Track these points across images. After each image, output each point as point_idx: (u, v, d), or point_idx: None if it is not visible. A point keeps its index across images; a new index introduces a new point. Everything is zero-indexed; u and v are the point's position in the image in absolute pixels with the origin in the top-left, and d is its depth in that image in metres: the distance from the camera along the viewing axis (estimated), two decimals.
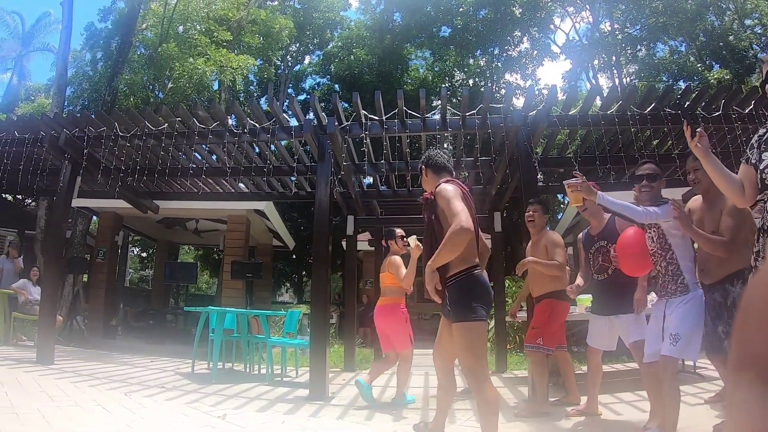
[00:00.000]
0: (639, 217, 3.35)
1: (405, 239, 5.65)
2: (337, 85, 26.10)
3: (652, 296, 4.03)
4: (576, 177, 3.45)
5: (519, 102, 18.14)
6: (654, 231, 3.49)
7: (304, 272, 27.84)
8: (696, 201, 3.72)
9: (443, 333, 3.12)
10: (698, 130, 2.63)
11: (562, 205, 21.06)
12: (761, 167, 2.35)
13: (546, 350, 4.68)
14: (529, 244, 5.14)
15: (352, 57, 25.70)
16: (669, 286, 3.38)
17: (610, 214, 4.26)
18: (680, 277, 3.33)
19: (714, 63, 21.43)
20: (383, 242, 5.69)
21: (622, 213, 3.38)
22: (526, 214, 5.15)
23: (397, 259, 5.25)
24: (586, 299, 5.71)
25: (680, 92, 6.38)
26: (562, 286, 4.66)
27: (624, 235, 3.77)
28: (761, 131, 2.46)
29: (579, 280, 4.54)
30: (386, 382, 6.81)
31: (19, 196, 16.61)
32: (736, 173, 2.53)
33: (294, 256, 24.51)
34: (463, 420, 4.42)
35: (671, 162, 6.42)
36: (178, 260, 18.33)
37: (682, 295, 3.31)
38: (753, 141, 2.48)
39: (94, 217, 13.07)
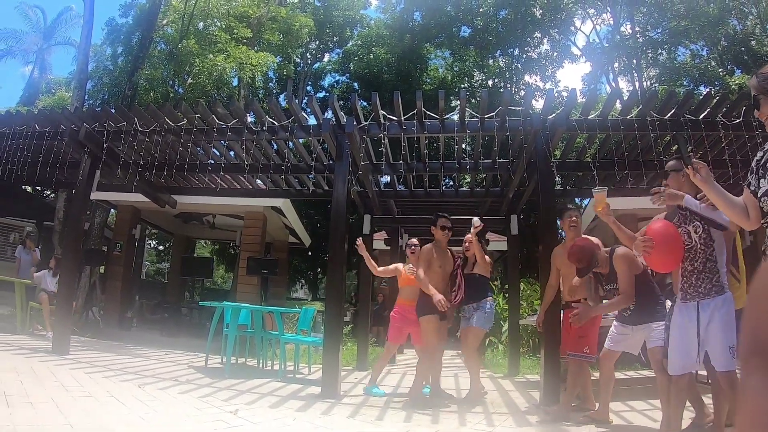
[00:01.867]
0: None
1: (414, 247, 5.77)
2: (356, 84, 26.13)
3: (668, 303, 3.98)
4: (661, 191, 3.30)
5: (538, 104, 18.02)
6: (698, 224, 3.29)
7: (319, 269, 27.91)
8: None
9: None
10: (693, 162, 2.67)
11: (580, 208, 20.89)
12: (759, 194, 2.36)
13: (591, 358, 4.65)
14: (562, 246, 5.09)
15: (371, 55, 25.72)
16: (703, 286, 3.20)
17: (611, 250, 4.26)
18: (716, 275, 3.18)
19: (735, 68, 21.04)
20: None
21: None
22: (570, 219, 5.10)
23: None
24: None
25: (701, 97, 6.29)
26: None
27: (659, 227, 3.51)
28: (759, 154, 2.45)
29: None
30: (398, 382, 6.82)
31: (38, 188, 16.83)
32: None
33: (309, 253, 24.57)
34: (473, 423, 4.41)
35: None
36: (195, 254, 18.48)
37: (717, 295, 3.14)
38: (752, 165, 2.47)
39: (112, 210, 13.21)
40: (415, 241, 5.94)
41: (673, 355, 3.33)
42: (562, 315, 5.29)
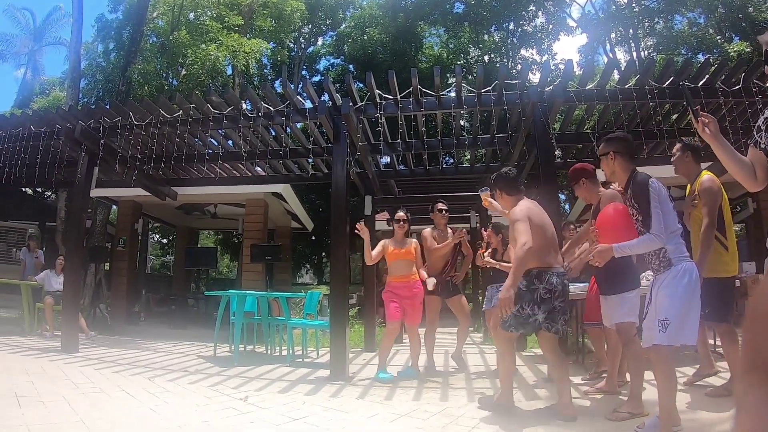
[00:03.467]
0: (657, 243, 3.09)
1: (402, 223, 5.78)
2: (351, 66, 25.91)
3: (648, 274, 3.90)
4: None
5: (535, 77, 17.85)
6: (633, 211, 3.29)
7: (323, 253, 27.93)
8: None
9: None
10: (702, 115, 2.51)
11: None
12: None
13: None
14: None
15: (365, 37, 25.50)
16: (653, 261, 3.20)
17: (601, 192, 4.18)
18: (662, 250, 3.12)
19: (734, 35, 20.77)
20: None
21: (643, 251, 3.21)
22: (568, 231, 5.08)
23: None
24: None
25: (699, 65, 6.22)
26: None
27: (605, 212, 3.59)
28: (767, 113, 2.34)
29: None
30: (406, 361, 6.84)
31: (39, 189, 16.84)
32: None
33: (313, 238, 24.58)
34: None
35: (692, 137, 6.30)
36: (198, 245, 18.51)
37: (666, 270, 3.10)
38: (759, 122, 2.35)
39: (114, 206, 13.22)
40: (401, 214, 5.88)
41: (644, 325, 3.29)
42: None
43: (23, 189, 14.50)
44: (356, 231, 5.21)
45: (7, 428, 3.16)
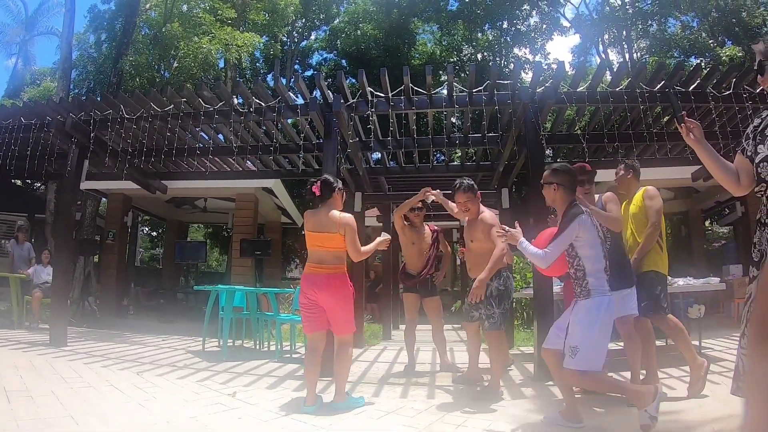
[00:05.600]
0: (542, 261, 3.43)
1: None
2: (344, 61, 25.85)
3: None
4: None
5: (528, 77, 17.85)
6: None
7: None
8: None
9: None
10: (687, 121, 2.61)
11: None
12: (756, 161, 2.32)
13: None
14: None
15: (358, 32, 25.43)
16: (576, 288, 3.44)
17: (597, 199, 4.31)
18: (584, 281, 3.36)
19: (726, 39, 20.84)
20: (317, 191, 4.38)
21: (530, 258, 3.56)
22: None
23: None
24: None
25: (691, 69, 6.27)
26: None
27: (541, 237, 3.77)
28: (756, 121, 2.41)
29: None
30: (394, 357, 6.87)
31: (28, 181, 16.72)
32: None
33: (303, 233, 24.55)
34: (469, 396, 4.46)
35: (681, 140, 6.34)
36: (188, 239, 18.46)
37: (584, 299, 3.34)
38: (748, 131, 2.43)
39: (103, 199, 13.16)
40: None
41: (551, 330, 3.65)
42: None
43: (12, 180, 14.39)
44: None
45: None
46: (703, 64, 6.81)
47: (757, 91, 5.81)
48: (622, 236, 4.34)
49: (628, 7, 22.79)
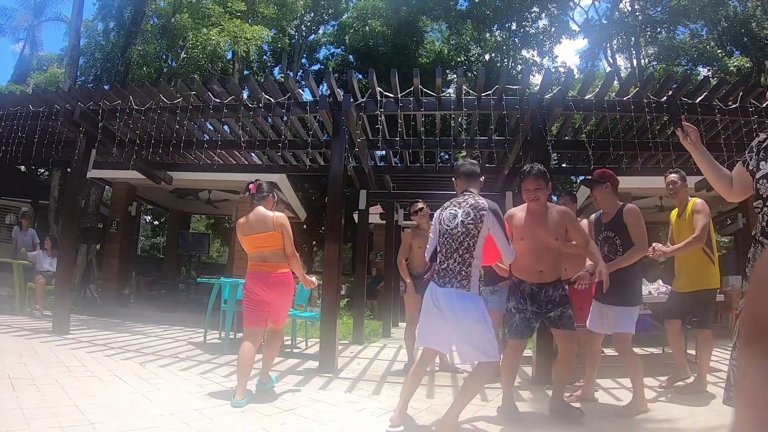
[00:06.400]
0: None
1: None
2: (351, 56, 25.87)
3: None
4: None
5: (536, 79, 17.87)
6: None
7: (314, 242, 27.92)
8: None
9: None
10: (685, 125, 2.71)
11: (574, 185, 20.92)
12: (758, 176, 2.34)
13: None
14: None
15: (367, 28, 25.44)
16: (453, 277, 3.59)
17: (620, 204, 4.28)
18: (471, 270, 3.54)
19: (734, 49, 20.79)
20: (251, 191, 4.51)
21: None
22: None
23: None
24: None
25: (698, 79, 6.30)
26: None
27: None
28: (762, 136, 2.44)
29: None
30: (393, 355, 6.92)
31: (33, 167, 16.73)
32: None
33: (305, 227, 24.57)
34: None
35: (686, 151, 6.37)
36: (190, 229, 18.49)
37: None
38: (753, 144, 2.46)
39: (107, 187, 13.19)
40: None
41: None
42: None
43: (16, 166, 14.40)
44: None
45: (2, 411, 3.22)
46: (710, 75, 6.84)
47: (764, 105, 5.84)
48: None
49: (637, 13, 22.76)
